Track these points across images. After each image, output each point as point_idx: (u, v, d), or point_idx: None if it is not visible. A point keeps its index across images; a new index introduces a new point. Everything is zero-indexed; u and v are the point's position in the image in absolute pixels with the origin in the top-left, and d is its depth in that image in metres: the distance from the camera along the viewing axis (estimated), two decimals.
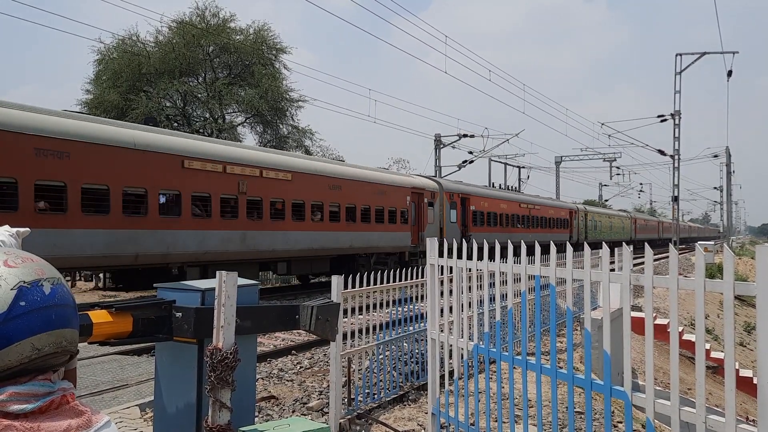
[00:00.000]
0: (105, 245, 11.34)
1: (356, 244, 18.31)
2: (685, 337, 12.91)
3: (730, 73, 29.28)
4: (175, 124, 28.74)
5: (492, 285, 4.43)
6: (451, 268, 4.87)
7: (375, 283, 6.35)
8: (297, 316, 3.75)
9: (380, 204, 19.21)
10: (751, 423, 3.33)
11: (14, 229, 2.47)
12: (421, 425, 5.72)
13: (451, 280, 4.97)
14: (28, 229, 2.56)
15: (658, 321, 12.35)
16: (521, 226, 30.10)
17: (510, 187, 38.26)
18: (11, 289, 1.06)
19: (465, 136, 35.11)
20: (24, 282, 1.08)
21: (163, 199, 12.69)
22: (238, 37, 29.76)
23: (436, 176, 29.82)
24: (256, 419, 4.84)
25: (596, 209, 47.88)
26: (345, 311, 5.83)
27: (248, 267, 14.69)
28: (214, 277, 3.29)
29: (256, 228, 14.57)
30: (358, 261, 18.76)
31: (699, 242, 39.53)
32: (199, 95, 29.74)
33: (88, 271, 12.47)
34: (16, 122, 10.22)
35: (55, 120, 10.93)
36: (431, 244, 5.13)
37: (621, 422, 5.65)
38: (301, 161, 17.04)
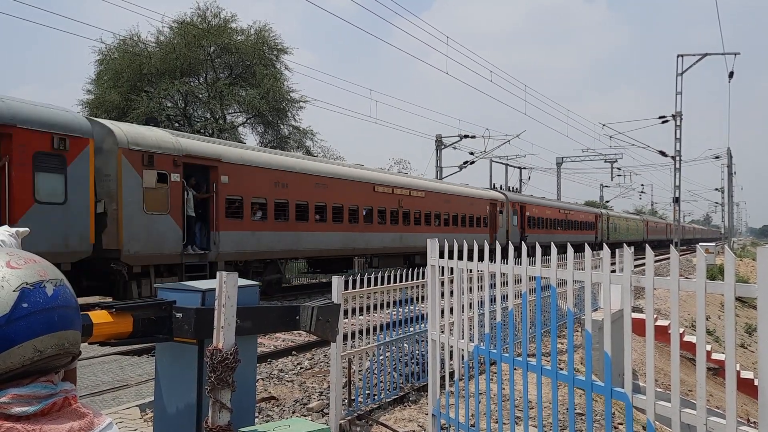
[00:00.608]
0: (341, 242, 18.01)
1: (458, 242, 24.77)
2: (686, 338, 12.90)
3: (731, 75, 29.26)
4: (176, 125, 28.75)
5: (492, 286, 4.43)
6: (452, 269, 4.87)
7: (376, 284, 6.35)
8: (297, 317, 3.75)
9: (471, 212, 25.88)
10: (752, 425, 3.32)
11: (14, 229, 2.47)
12: (421, 426, 5.71)
13: (451, 281, 4.96)
14: (27, 229, 2.57)
15: (659, 322, 12.34)
16: (560, 229, 36.55)
17: (511, 188, 38.39)
18: (14, 291, 1.06)
19: (466, 136, 35.11)
20: (26, 284, 1.08)
21: (365, 212, 19.21)
22: (239, 37, 29.74)
23: (437, 177, 31.27)
24: (256, 420, 4.85)
25: (616, 213, 53.53)
26: (345, 312, 5.83)
27: (399, 258, 21.34)
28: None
29: (407, 231, 21.14)
30: None
31: (700, 243, 39.69)
32: (200, 95, 29.73)
33: (332, 258, 19.14)
34: (309, 167, 17.13)
35: (320, 165, 18.30)
36: (431, 245, 5.13)
37: (622, 424, 5.64)
38: (430, 183, 24.59)
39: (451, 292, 4.91)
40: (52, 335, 1.08)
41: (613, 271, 3.48)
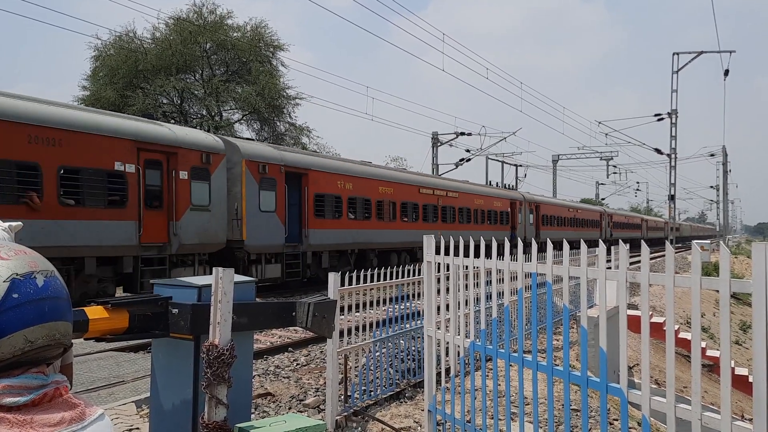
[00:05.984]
0: (397, 237, 20.90)
1: (485, 238, 28.11)
2: (681, 335, 12.93)
3: (726, 73, 29.32)
4: (172, 121, 28.66)
5: (489, 282, 4.43)
6: (448, 265, 4.86)
7: (372, 281, 6.34)
8: (294, 313, 3.75)
9: (495, 210, 28.98)
10: (747, 421, 3.34)
11: (6, 223, 2.46)
12: (417, 422, 5.72)
13: (448, 278, 4.96)
14: (20, 223, 2.55)
15: (655, 319, 12.38)
16: (570, 226, 39.48)
17: (507, 186, 38.55)
18: (4, 281, 1.06)
19: (462, 134, 35.17)
20: (17, 274, 1.07)
21: (414, 211, 21.92)
22: (235, 34, 29.68)
23: (433, 173, 31.76)
24: (253, 416, 4.84)
25: (617, 211, 56.90)
26: (342, 308, 5.82)
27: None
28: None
29: (444, 228, 23.11)
30: None
31: (695, 240, 40.20)
32: (196, 92, 29.67)
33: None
34: (371, 172, 20.19)
35: (387, 172, 21.68)
36: (428, 241, 5.12)
37: (617, 419, 5.66)
38: (463, 185, 27.43)
39: (447, 289, 4.91)
40: (43, 326, 1.08)
41: (609, 268, 3.48)
